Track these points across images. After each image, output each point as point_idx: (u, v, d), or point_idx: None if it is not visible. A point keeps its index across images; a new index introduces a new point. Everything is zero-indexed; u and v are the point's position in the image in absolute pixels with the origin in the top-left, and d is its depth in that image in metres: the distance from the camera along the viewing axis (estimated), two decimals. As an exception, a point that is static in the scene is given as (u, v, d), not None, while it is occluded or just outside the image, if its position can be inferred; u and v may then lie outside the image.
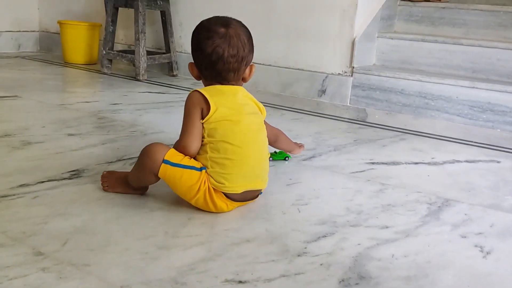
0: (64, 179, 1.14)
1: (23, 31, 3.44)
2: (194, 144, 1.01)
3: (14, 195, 1.03)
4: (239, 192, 1.02)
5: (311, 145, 1.63)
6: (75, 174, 1.18)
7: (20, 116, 1.67)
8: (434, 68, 2.38)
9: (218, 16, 1.09)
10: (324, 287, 0.78)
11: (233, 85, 1.08)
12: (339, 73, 2.41)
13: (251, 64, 1.10)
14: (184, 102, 1.04)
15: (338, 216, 1.07)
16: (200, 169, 1.00)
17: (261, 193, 1.11)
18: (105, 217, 0.96)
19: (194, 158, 1.03)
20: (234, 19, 1.09)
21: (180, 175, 0.98)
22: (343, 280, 0.81)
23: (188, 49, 2.88)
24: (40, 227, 0.89)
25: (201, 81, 1.11)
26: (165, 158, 0.98)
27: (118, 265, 0.79)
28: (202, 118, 1.01)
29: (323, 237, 0.96)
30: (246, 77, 1.10)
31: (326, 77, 2.44)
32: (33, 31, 3.50)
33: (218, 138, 1.00)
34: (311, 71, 2.49)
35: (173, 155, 0.99)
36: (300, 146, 1.45)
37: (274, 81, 2.60)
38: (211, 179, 1.00)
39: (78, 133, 1.53)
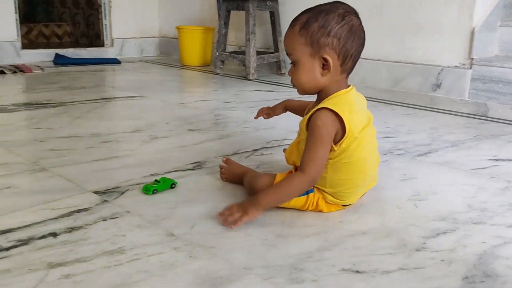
0: (188, 169, 1.24)
1: (145, 37, 3.76)
2: (320, 176, 0.95)
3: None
4: (355, 201, 1.03)
5: (426, 141, 1.57)
6: (198, 165, 1.27)
7: (147, 114, 1.85)
8: None
9: (328, 2, 0.98)
10: (446, 283, 0.76)
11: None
12: (456, 66, 2.28)
13: None
14: (314, 122, 0.93)
15: (459, 213, 1.02)
16: (307, 192, 0.98)
17: None
18: (226, 205, 1.03)
19: None
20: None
21: (288, 203, 0.99)
22: (466, 277, 0.78)
23: (296, 47, 2.92)
24: (170, 212, 0.99)
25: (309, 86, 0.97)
26: None
27: (240, 249, 0.85)
28: (334, 141, 0.94)
29: (443, 233, 0.93)
30: None
31: (441, 70, 2.32)
32: (154, 37, 3.81)
33: (344, 159, 0.95)
34: (425, 64, 2.38)
35: None
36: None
37: (384, 76, 2.53)
38: (329, 197, 0.99)
39: (197, 129, 1.64)
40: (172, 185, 1.11)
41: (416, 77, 2.41)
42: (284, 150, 1.27)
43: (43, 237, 0.86)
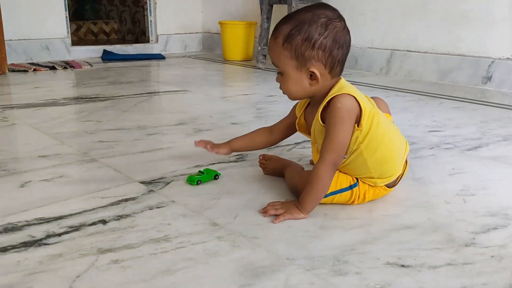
0: (231, 162, 1.25)
1: (189, 33, 3.82)
2: (341, 159, 0.94)
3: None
4: (400, 173, 1.01)
5: (476, 135, 1.51)
6: (240, 158, 1.28)
7: (190, 107, 1.88)
8: None
9: (309, 7, 0.95)
10: (496, 279, 0.73)
11: None
12: (507, 58, 2.18)
13: None
14: (334, 106, 0.91)
15: (510, 209, 0.98)
16: (351, 187, 0.98)
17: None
18: (268, 197, 1.03)
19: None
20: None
21: (332, 199, 0.98)
22: (519, 275, 0.74)
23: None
24: (214, 202, 1.00)
25: (299, 94, 0.97)
26: None
27: (283, 240, 0.85)
28: (357, 123, 0.93)
29: (493, 229, 0.89)
30: None
31: (492, 62, 2.22)
32: (197, 32, 3.86)
33: (373, 137, 0.94)
34: (474, 56, 2.29)
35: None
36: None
37: (431, 69, 2.45)
38: (378, 181, 0.98)
39: (240, 122, 1.65)
40: (216, 176, 1.12)
41: (465, 69, 2.33)
42: (311, 162, 1.25)
43: (93, 224, 0.90)
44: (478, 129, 1.58)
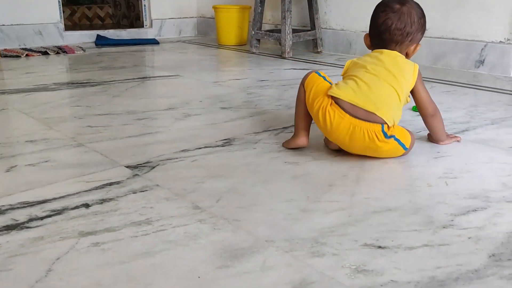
0: (218, 146, 1.26)
1: (183, 18, 3.79)
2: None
3: (177, 158, 1.17)
4: (345, 100, 1.11)
5: (465, 118, 1.51)
6: (227, 142, 1.29)
7: (181, 92, 1.87)
8: None
9: None
10: (472, 260, 0.74)
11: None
12: (500, 41, 2.17)
13: (417, 43, 1.21)
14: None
15: (492, 191, 0.99)
16: (330, 83, 1.19)
17: (383, 124, 1.10)
18: (252, 181, 1.04)
19: None
20: (412, 0, 1.21)
21: (316, 79, 1.19)
22: (493, 255, 0.75)
23: (333, 25, 2.86)
24: (198, 186, 1.01)
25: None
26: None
27: (264, 222, 0.86)
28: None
29: (473, 211, 0.90)
30: (409, 53, 1.22)
31: (485, 46, 2.22)
32: (192, 17, 3.83)
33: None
34: (468, 40, 2.28)
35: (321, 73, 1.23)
36: (452, 137, 1.29)
37: (425, 53, 2.44)
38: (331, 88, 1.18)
39: (229, 107, 1.65)
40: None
41: (458, 53, 2.32)
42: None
43: (76, 207, 0.91)
44: (467, 112, 1.58)
